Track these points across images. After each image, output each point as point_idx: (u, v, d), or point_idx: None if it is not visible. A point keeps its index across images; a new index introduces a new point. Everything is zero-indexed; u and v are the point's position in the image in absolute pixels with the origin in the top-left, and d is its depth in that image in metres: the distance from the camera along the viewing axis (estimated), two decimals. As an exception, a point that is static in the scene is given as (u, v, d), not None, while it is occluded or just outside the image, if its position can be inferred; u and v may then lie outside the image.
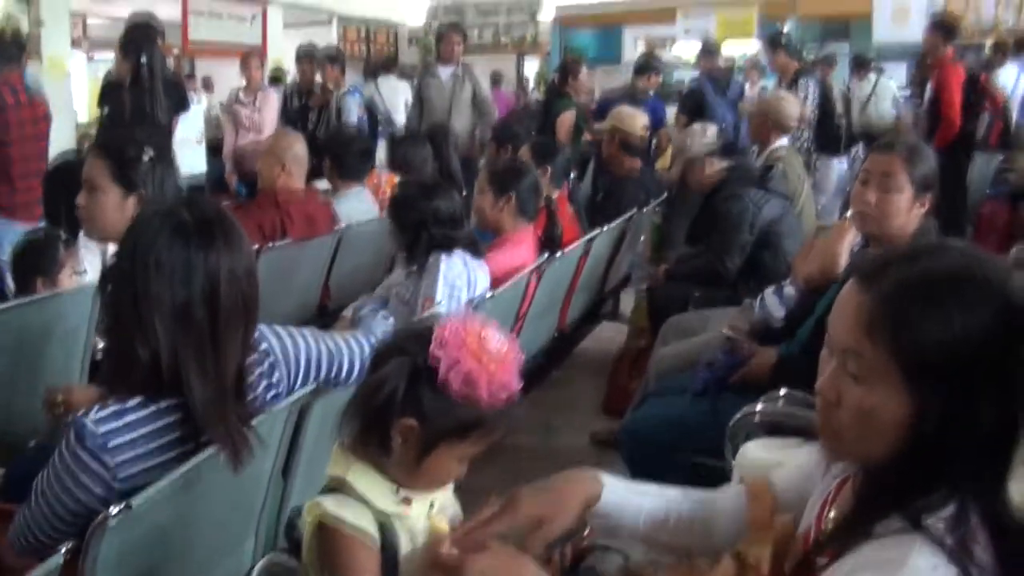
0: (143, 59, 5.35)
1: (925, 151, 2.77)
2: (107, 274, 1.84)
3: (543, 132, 6.72)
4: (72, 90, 8.70)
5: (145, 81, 5.38)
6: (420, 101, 7.27)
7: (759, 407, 2.40)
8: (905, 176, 2.67)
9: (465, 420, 1.34)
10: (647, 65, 7.78)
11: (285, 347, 1.93)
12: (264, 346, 1.88)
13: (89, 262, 3.08)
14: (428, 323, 1.37)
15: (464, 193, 4.69)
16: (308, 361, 1.96)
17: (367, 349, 2.05)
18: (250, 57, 7.65)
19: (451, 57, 7.40)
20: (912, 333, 1.12)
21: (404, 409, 1.33)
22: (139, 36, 5.51)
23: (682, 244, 4.95)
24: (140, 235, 1.68)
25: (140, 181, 2.61)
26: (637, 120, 5.45)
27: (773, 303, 3.42)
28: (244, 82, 7.55)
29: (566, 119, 7.04)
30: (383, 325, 3.11)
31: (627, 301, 5.44)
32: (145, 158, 2.65)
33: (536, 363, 4.33)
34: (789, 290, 3.40)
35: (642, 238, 5.48)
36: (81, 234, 3.05)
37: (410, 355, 1.34)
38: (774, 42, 7.41)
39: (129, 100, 5.37)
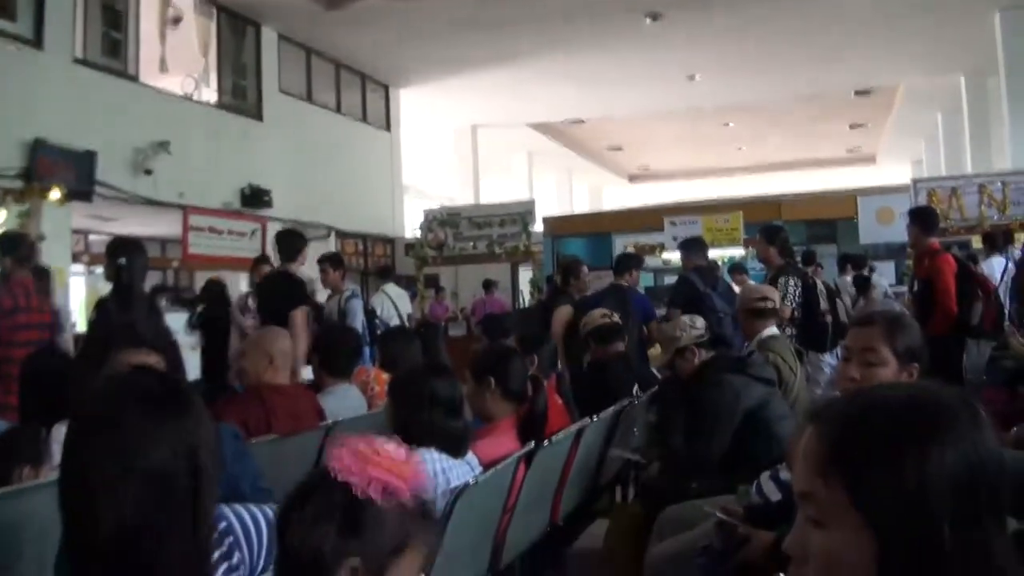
0: (122, 261, 5.50)
1: (905, 321, 2.76)
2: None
3: (544, 329, 6.85)
4: (70, 300, 8.78)
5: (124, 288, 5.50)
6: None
7: (758, 593, 2.30)
8: (887, 349, 2.64)
9: (399, 533, 1.34)
10: (626, 263, 7.90)
11: (245, 525, 1.82)
12: (223, 525, 1.78)
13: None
14: (320, 467, 1.37)
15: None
16: (271, 539, 1.83)
17: None
18: (260, 264, 7.86)
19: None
20: (859, 463, 1.07)
21: (340, 553, 1.31)
22: (118, 245, 5.73)
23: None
24: (100, 403, 1.60)
25: None
26: (594, 313, 5.85)
27: (770, 488, 3.34)
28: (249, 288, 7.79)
29: (561, 314, 7.25)
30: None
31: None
32: None
33: (527, 564, 4.17)
34: (785, 474, 3.32)
35: (635, 430, 5.41)
36: (54, 429, 3.01)
37: (322, 497, 1.33)
38: (770, 235, 7.47)
39: (115, 308, 5.43)
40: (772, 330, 5.30)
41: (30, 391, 3.53)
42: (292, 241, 7.46)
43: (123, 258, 5.47)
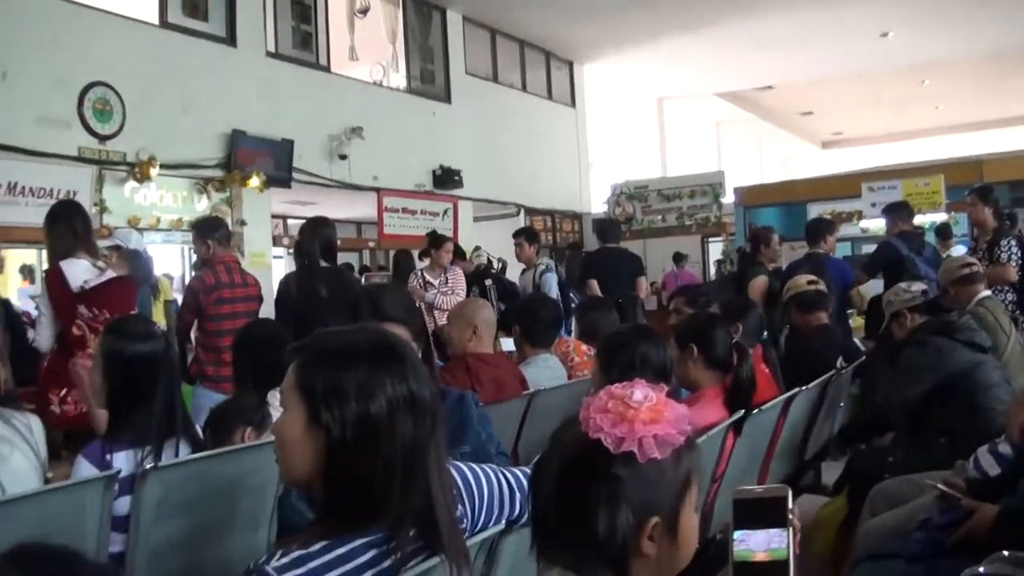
0: (298, 239, 5.78)
1: None
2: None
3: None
4: (273, 281, 9.23)
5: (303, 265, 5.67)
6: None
7: (982, 569, 2.19)
8: None
9: (681, 472, 1.32)
10: (818, 229, 7.73)
11: (467, 481, 1.84)
12: None
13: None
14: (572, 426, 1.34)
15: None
16: (491, 496, 1.86)
17: None
18: (442, 241, 8.11)
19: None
20: None
21: (641, 524, 1.29)
22: (306, 228, 5.84)
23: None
24: (340, 361, 1.57)
25: None
26: (799, 279, 5.77)
27: (988, 462, 3.18)
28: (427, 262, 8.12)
29: (757, 284, 7.14)
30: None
31: (829, 472, 5.18)
32: None
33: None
34: (1004, 447, 3.17)
35: (841, 404, 5.26)
36: (269, 395, 3.18)
37: (604, 483, 1.29)
38: (984, 195, 7.09)
39: (295, 283, 5.57)
40: (985, 292, 5.20)
41: (243, 358, 3.73)
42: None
43: (299, 236, 5.72)
